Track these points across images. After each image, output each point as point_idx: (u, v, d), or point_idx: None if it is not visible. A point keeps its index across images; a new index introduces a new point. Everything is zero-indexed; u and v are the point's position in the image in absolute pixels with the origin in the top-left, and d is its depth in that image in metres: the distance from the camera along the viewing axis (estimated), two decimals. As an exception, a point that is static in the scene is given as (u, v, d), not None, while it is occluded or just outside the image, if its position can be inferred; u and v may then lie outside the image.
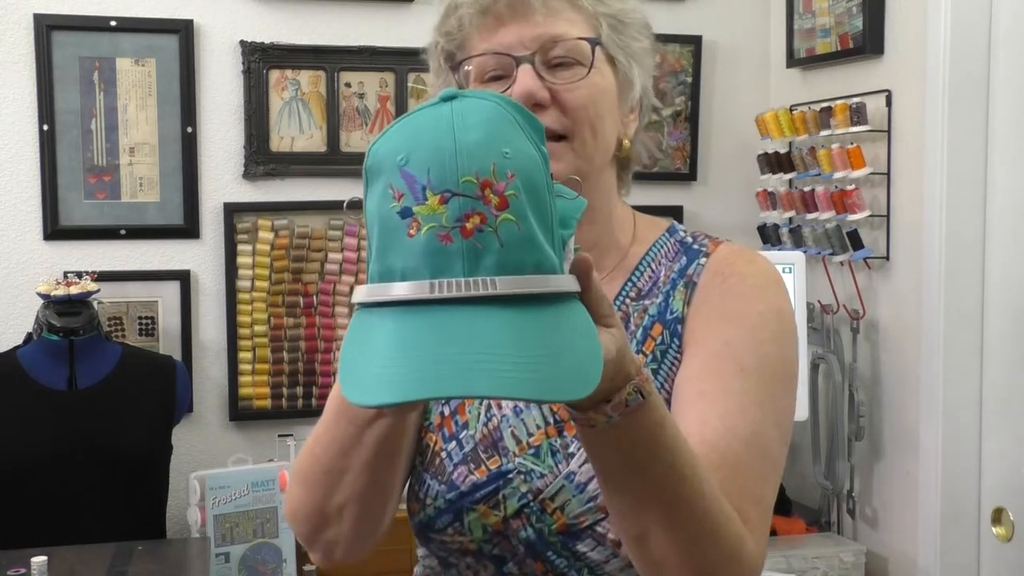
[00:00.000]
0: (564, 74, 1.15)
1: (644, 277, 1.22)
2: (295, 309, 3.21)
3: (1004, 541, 2.46)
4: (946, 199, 2.63)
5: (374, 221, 0.85)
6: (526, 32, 1.14)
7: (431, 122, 0.83)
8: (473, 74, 1.16)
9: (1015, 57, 2.54)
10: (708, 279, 1.19)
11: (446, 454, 1.19)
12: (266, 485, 2.65)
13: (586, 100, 1.15)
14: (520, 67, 1.13)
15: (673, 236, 1.25)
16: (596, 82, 1.16)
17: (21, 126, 3.03)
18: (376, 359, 0.80)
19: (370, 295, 0.85)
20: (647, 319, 1.19)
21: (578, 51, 1.15)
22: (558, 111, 1.14)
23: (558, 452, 1.15)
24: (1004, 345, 2.58)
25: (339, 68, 3.21)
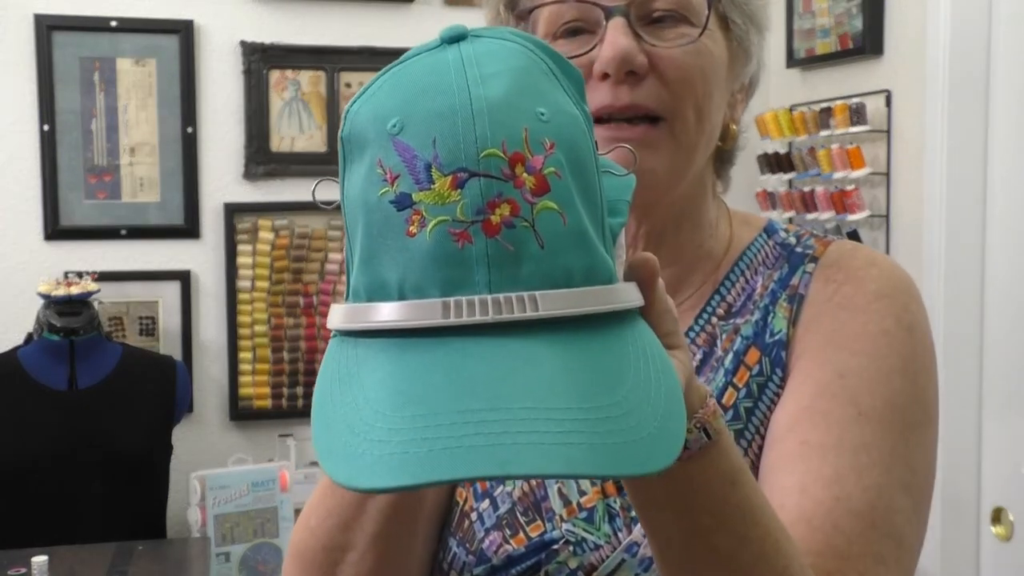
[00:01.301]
0: (668, 34, 0.87)
1: (736, 289, 0.95)
2: (295, 309, 3.22)
3: (1004, 541, 2.46)
4: (946, 199, 2.63)
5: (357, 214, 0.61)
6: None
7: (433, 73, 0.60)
8: (543, 25, 0.90)
9: (1015, 57, 2.54)
10: (818, 289, 0.93)
11: (477, 515, 0.92)
12: (266, 485, 2.65)
13: (695, 71, 0.88)
14: (611, 20, 0.86)
15: (772, 237, 0.99)
16: (709, 48, 0.89)
17: (21, 126, 3.03)
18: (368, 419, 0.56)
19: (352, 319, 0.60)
20: (739, 342, 0.91)
21: (688, 6, 0.87)
22: (658, 83, 0.87)
23: (617, 516, 0.88)
24: (1004, 345, 2.58)
25: (339, 68, 3.21)
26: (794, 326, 0.91)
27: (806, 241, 0.97)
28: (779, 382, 0.89)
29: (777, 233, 0.99)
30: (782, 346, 0.90)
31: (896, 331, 0.89)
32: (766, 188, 3.30)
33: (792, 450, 0.82)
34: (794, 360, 0.89)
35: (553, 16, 0.89)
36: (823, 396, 0.85)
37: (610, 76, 0.86)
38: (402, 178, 0.58)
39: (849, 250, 0.96)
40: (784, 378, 0.89)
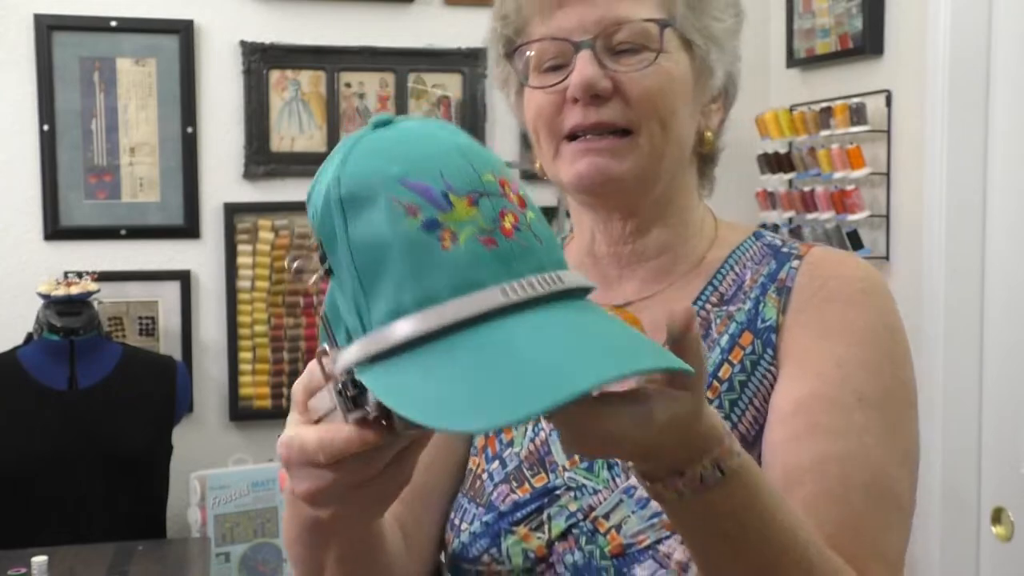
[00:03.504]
0: (629, 60, 1.02)
1: (727, 281, 1.08)
2: (295, 309, 3.21)
3: (1004, 541, 2.46)
4: (946, 199, 2.63)
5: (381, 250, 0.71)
6: (587, 14, 1.02)
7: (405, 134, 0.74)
8: (533, 62, 1.05)
9: (1015, 57, 2.54)
10: (804, 282, 1.05)
11: (487, 475, 1.06)
12: (266, 485, 2.65)
13: (653, 90, 1.02)
14: (579, 53, 1.01)
15: (760, 240, 1.12)
16: (666, 69, 1.03)
17: (21, 126, 3.03)
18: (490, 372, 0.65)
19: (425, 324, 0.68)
20: (734, 326, 1.05)
21: (645, 35, 1.02)
22: (622, 102, 1.02)
23: (615, 465, 1.01)
24: (1004, 345, 2.58)
25: (339, 68, 3.21)
26: (783, 314, 1.04)
27: (791, 244, 1.11)
28: (771, 360, 1.03)
29: (764, 236, 1.13)
30: (772, 331, 1.04)
31: (880, 326, 1.04)
32: (766, 188, 3.30)
33: (803, 431, 0.95)
34: (786, 345, 1.02)
35: (537, 56, 1.05)
36: (826, 383, 0.98)
37: (579, 99, 1.02)
38: (423, 208, 0.70)
39: (833, 252, 1.10)
40: (775, 358, 1.02)
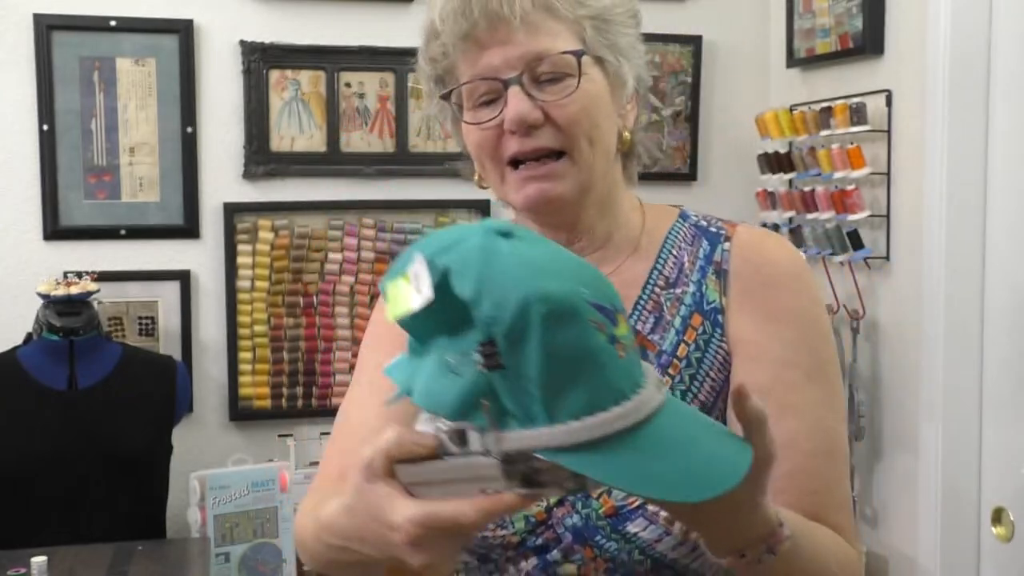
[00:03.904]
0: (554, 88, 1.12)
1: (668, 264, 1.21)
2: (295, 309, 3.21)
3: (1004, 541, 2.46)
4: (946, 199, 2.62)
5: (582, 357, 0.81)
6: (510, 52, 1.12)
7: (549, 255, 0.84)
8: (465, 100, 1.16)
9: (1015, 57, 2.54)
10: (739, 266, 1.19)
11: None
12: (266, 485, 2.65)
13: (579, 114, 1.13)
14: (509, 89, 1.12)
15: (687, 221, 1.25)
16: (587, 91, 1.14)
17: (21, 126, 3.03)
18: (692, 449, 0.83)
19: (627, 418, 0.82)
20: (683, 308, 1.19)
21: (564, 64, 1.13)
22: (553, 129, 1.13)
23: None
24: (1004, 345, 2.58)
25: (339, 68, 3.21)
26: (725, 296, 1.18)
27: (716, 223, 1.24)
28: (720, 338, 1.17)
29: (690, 218, 1.26)
30: (718, 312, 1.18)
31: (812, 306, 1.19)
32: (766, 188, 3.30)
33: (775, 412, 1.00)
34: (735, 329, 1.17)
35: (469, 92, 1.15)
36: (783, 367, 1.14)
37: (515, 131, 1.13)
38: (606, 326, 0.82)
39: (757, 233, 1.24)
40: (723, 336, 1.17)
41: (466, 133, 1.18)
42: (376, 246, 3.24)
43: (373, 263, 3.24)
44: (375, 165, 3.24)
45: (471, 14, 1.12)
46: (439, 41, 1.17)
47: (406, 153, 3.28)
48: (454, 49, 1.15)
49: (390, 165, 3.26)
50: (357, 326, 3.25)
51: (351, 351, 3.24)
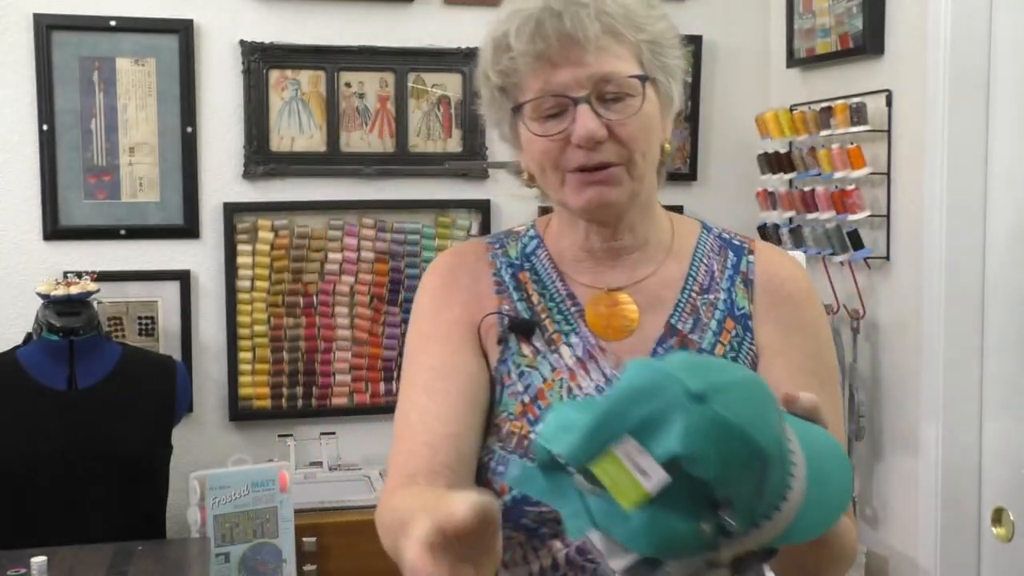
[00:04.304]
0: (617, 107, 1.23)
1: (701, 272, 1.34)
2: (295, 309, 3.21)
3: (1004, 541, 2.46)
4: (946, 199, 2.62)
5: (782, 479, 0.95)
6: (580, 72, 1.21)
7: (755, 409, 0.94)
8: (530, 111, 1.25)
9: (1015, 57, 2.54)
10: (765, 280, 1.34)
11: (535, 435, 1.15)
12: (266, 485, 2.65)
13: (639, 132, 1.24)
14: (578, 107, 1.21)
15: (710, 233, 1.39)
16: (646, 112, 1.24)
17: (21, 126, 3.03)
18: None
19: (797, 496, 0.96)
20: (718, 313, 1.31)
21: (629, 85, 1.23)
22: (615, 144, 1.23)
23: None
24: (1004, 345, 2.58)
25: (339, 68, 3.21)
26: (752, 303, 1.32)
27: (736, 236, 1.39)
28: (751, 341, 1.31)
29: (712, 230, 1.40)
30: (748, 317, 1.32)
31: (821, 319, 1.35)
32: (766, 188, 3.30)
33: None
34: (762, 334, 1.31)
35: (536, 105, 1.24)
36: (800, 372, 1.29)
37: (582, 146, 1.23)
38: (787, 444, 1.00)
39: (775, 250, 1.40)
40: (753, 340, 1.31)
41: (530, 142, 1.27)
42: (376, 246, 3.24)
43: (373, 263, 3.24)
44: (375, 165, 3.24)
45: (547, 36, 1.21)
46: (509, 55, 1.24)
47: (406, 153, 3.27)
48: (525, 65, 1.23)
49: (390, 165, 3.26)
50: (357, 326, 3.25)
51: (351, 351, 3.24)
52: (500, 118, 1.32)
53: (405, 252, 3.26)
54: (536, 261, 1.35)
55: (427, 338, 1.31)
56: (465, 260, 1.36)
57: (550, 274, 1.34)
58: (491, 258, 1.36)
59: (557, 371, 1.27)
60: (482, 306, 1.31)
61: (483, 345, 1.30)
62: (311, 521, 2.84)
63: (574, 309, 1.31)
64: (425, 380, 1.28)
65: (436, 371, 1.27)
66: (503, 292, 1.33)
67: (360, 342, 3.25)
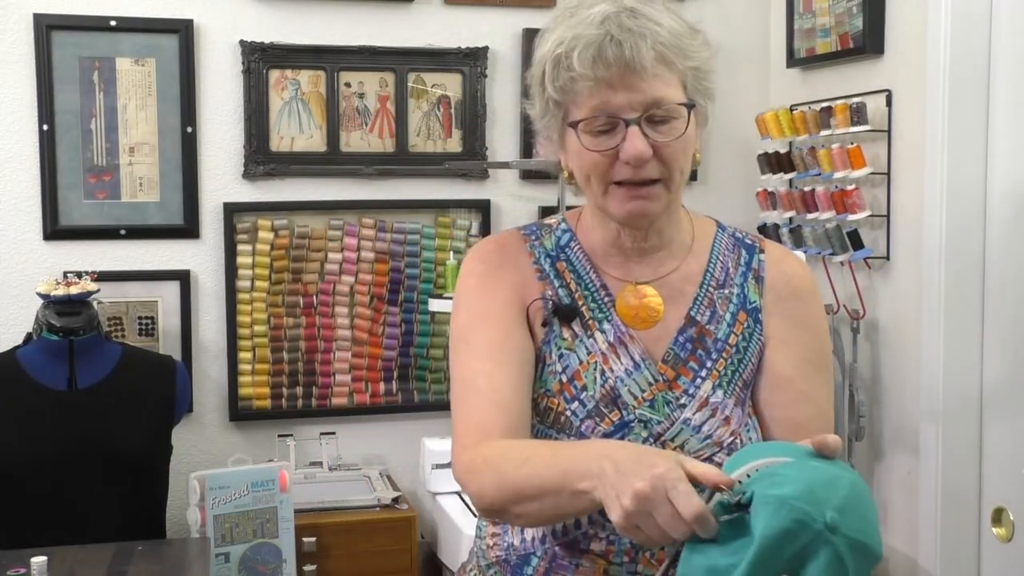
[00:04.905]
0: (664, 129, 1.34)
1: (718, 268, 1.47)
2: (295, 309, 3.21)
3: (1004, 541, 2.46)
4: (946, 199, 2.62)
5: None
6: (634, 97, 1.33)
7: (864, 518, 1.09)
8: (584, 127, 1.36)
9: (1015, 57, 2.54)
10: (774, 276, 1.47)
11: (571, 412, 1.39)
12: (266, 485, 2.65)
13: (680, 152, 1.36)
14: (629, 128, 1.33)
15: (725, 231, 1.51)
16: (688, 134, 1.36)
17: (21, 126, 3.03)
18: None
19: None
20: (732, 306, 1.45)
21: (676, 110, 1.35)
22: (658, 162, 1.35)
23: (671, 402, 1.39)
24: (1004, 345, 2.58)
25: (339, 68, 3.21)
26: (762, 298, 1.46)
27: (747, 236, 1.52)
28: (760, 332, 1.45)
29: (726, 229, 1.52)
30: (758, 311, 1.46)
31: (822, 314, 1.51)
32: (766, 188, 3.30)
33: (796, 398, 1.43)
34: (771, 327, 1.45)
35: (590, 122, 1.35)
36: (804, 362, 1.44)
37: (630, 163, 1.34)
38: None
39: (783, 249, 1.54)
40: (762, 331, 1.45)
41: (580, 153, 1.38)
42: (376, 246, 3.24)
43: (373, 263, 3.24)
44: (375, 165, 3.24)
45: (608, 62, 1.32)
46: (570, 74, 1.34)
47: (406, 153, 3.28)
48: (584, 86, 1.34)
49: (390, 165, 3.26)
50: (357, 326, 3.25)
51: (351, 351, 3.24)
52: (550, 125, 1.42)
53: (405, 252, 3.26)
54: (571, 253, 1.47)
55: (483, 315, 1.43)
56: (507, 248, 1.48)
57: (584, 266, 1.46)
58: (529, 248, 1.48)
59: (592, 354, 1.40)
60: (528, 290, 1.44)
61: (530, 326, 1.43)
62: (311, 521, 2.84)
63: (607, 299, 1.44)
64: (488, 350, 1.40)
65: (497, 344, 1.40)
66: (545, 279, 1.45)
67: (360, 342, 3.25)
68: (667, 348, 1.41)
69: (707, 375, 1.40)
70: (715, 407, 1.38)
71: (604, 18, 1.34)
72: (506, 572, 1.42)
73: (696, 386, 1.39)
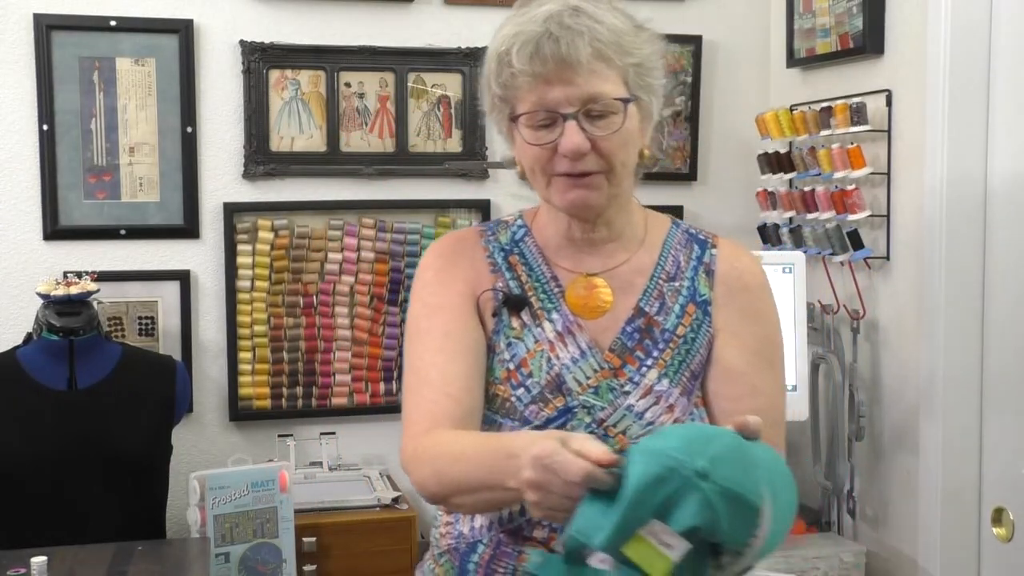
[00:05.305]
0: (602, 123, 1.38)
1: (669, 262, 1.51)
2: (295, 309, 3.21)
3: (1004, 541, 2.46)
4: (946, 199, 2.63)
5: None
6: (571, 92, 1.37)
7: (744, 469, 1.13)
8: (525, 122, 1.41)
9: (1015, 57, 2.54)
10: (725, 271, 1.51)
11: (516, 398, 1.44)
12: (266, 485, 2.65)
13: (618, 146, 1.40)
14: (567, 123, 1.37)
15: (679, 228, 1.56)
16: (627, 128, 1.40)
17: (21, 126, 3.03)
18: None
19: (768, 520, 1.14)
20: (681, 299, 1.49)
21: (613, 106, 1.39)
22: (596, 155, 1.39)
23: (616, 389, 1.43)
24: (1004, 345, 2.58)
25: (339, 68, 3.21)
26: (712, 291, 1.50)
27: (701, 232, 1.56)
28: (709, 324, 1.48)
29: (681, 225, 1.58)
30: (707, 304, 1.49)
31: (774, 309, 1.53)
32: (766, 188, 3.30)
33: (746, 391, 1.46)
34: (721, 320, 1.48)
35: (531, 117, 1.40)
36: (755, 355, 1.47)
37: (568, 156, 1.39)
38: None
39: (736, 245, 1.56)
40: (711, 323, 1.48)
41: (523, 147, 1.43)
42: (376, 246, 3.24)
43: (373, 263, 3.24)
44: (375, 165, 3.24)
45: (545, 58, 1.36)
46: (511, 71, 1.39)
47: (406, 153, 3.27)
48: (524, 82, 1.38)
49: (390, 165, 3.26)
50: (357, 326, 3.25)
51: (351, 351, 3.24)
52: (499, 120, 1.48)
53: (405, 252, 3.26)
54: (524, 247, 1.52)
55: (437, 307, 1.48)
56: (464, 243, 1.54)
57: (536, 258, 1.51)
58: (484, 243, 1.53)
59: (539, 343, 1.45)
60: (481, 282, 1.49)
61: (481, 317, 1.48)
62: (311, 521, 2.84)
63: (556, 290, 1.48)
64: (440, 343, 1.45)
65: (449, 335, 1.45)
66: (497, 271, 1.50)
67: (360, 342, 3.25)
68: (615, 337, 1.45)
69: (653, 364, 1.44)
70: (659, 395, 1.42)
71: (547, 16, 1.38)
72: (455, 560, 1.46)
73: (641, 374, 1.43)
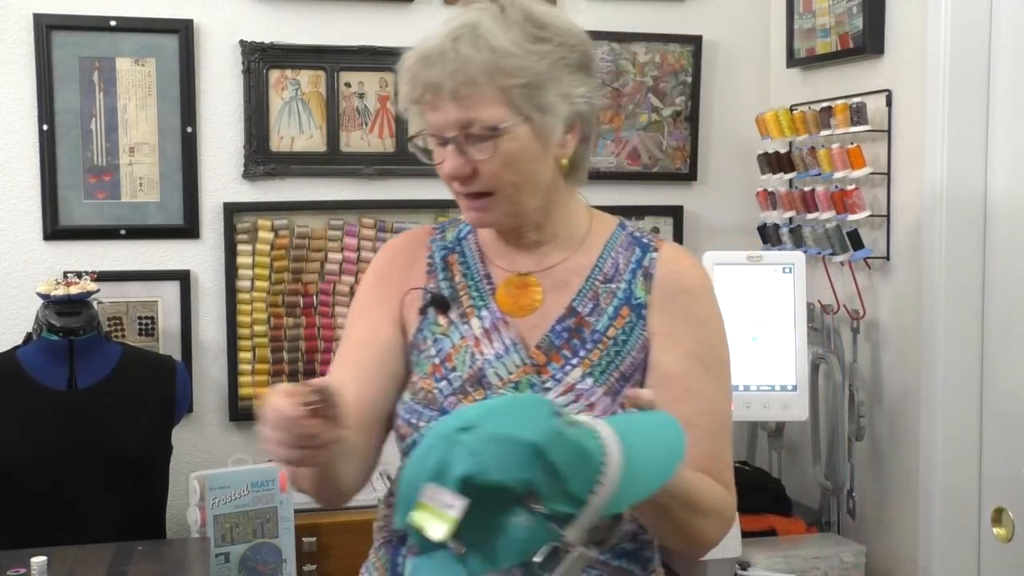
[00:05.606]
0: (482, 147, 1.38)
1: (608, 263, 1.51)
2: (295, 309, 3.21)
3: (1004, 541, 2.46)
4: (946, 199, 2.63)
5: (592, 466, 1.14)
6: (449, 116, 1.38)
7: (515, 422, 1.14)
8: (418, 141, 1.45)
9: (1015, 57, 2.54)
10: (664, 275, 1.49)
11: (437, 390, 1.46)
12: (266, 485, 2.65)
13: (501, 168, 1.39)
14: (447, 147, 1.39)
15: (624, 230, 1.55)
16: (508, 149, 1.38)
17: (21, 126, 3.03)
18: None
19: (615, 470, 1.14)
20: (616, 301, 1.48)
21: (491, 127, 1.37)
22: (480, 178, 1.40)
23: (536, 385, 1.43)
24: (1004, 345, 2.58)
25: (339, 68, 3.21)
26: (649, 294, 1.48)
27: (646, 236, 1.55)
28: (643, 327, 1.47)
29: (627, 227, 1.56)
30: (642, 307, 1.48)
31: (715, 313, 1.50)
32: (766, 188, 3.30)
33: (681, 395, 1.42)
34: (657, 325, 1.47)
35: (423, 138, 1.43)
36: (692, 359, 1.45)
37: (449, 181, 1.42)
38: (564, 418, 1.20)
39: (678, 250, 1.56)
40: (645, 326, 1.47)
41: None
42: (376, 246, 3.24)
43: (373, 263, 3.24)
44: (375, 165, 3.24)
45: (417, 86, 1.39)
46: (403, 90, 1.43)
47: (406, 153, 3.26)
48: (409, 103, 1.42)
49: (390, 165, 3.26)
50: (357, 326, 3.25)
51: (351, 351, 3.24)
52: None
53: (405, 252, 3.26)
54: (465, 245, 1.56)
55: (363, 311, 1.56)
56: (408, 244, 1.59)
57: (474, 256, 1.54)
58: (430, 242, 1.57)
59: (464, 339, 1.47)
60: (414, 282, 1.53)
61: (404, 316, 1.52)
62: (311, 521, 2.84)
63: (488, 288, 1.51)
64: (349, 350, 1.54)
65: (364, 341, 1.52)
66: (432, 272, 1.54)
67: (360, 342, 3.25)
68: (544, 335, 1.46)
69: (579, 363, 1.44)
70: (580, 393, 1.42)
71: (440, 39, 1.38)
72: (389, 552, 1.53)
73: (565, 372, 1.43)
